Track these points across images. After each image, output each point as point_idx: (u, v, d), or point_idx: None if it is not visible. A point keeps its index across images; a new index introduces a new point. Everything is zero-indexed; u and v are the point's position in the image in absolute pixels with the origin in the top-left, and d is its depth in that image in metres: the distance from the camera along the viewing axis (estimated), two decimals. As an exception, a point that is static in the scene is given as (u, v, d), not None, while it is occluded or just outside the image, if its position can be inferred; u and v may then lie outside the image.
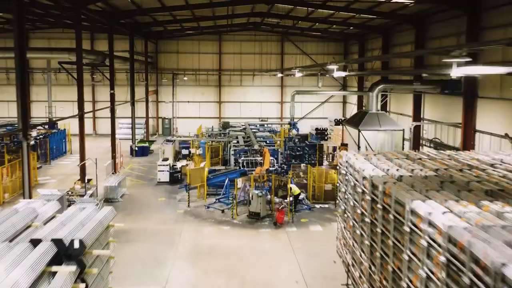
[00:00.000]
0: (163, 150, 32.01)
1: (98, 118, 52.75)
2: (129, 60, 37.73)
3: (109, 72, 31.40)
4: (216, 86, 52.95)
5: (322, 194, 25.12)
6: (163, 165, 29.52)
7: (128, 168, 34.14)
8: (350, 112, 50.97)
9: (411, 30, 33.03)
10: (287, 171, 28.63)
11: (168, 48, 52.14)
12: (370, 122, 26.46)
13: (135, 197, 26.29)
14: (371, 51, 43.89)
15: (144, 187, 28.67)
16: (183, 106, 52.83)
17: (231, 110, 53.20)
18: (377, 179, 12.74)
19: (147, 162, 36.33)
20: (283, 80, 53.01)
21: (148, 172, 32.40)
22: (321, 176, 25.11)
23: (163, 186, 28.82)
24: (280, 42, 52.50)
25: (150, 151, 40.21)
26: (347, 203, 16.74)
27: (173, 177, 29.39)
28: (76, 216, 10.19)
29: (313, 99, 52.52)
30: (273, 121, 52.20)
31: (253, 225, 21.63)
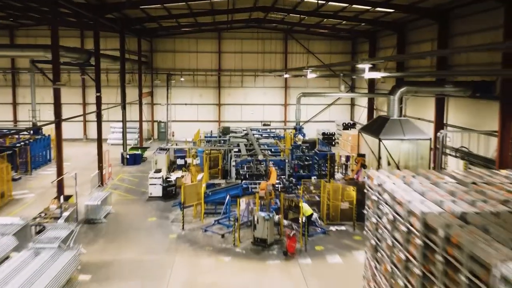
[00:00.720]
0: (156, 160, 28.54)
1: (90, 121, 49.31)
2: (120, 59, 34.26)
3: (94, 72, 27.94)
4: (216, 87, 49.49)
5: (337, 214, 21.67)
6: (155, 178, 26.06)
7: (117, 180, 30.66)
8: (359, 116, 47.53)
9: (432, 25, 29.60)
10: (296, 185, 25.16)
11: (163, 46, 48.68)
12: (392, 130, 23.02)
13: (122, 216, 22.81)
14: (383, 49, 40.44)
15: (133, 203, 25.19)
16: (180, 109, 49.39)
17: (232, 113, 49.74)
18: (434, 219, 9.37)
19: (138, 172, 32.87)
20: (287, 81, 49.56)
21: (139, 184, 28.93)
22: (336, 192, 21.66)
23: (155, 202, 25.36)
24: (283, 41, 49.02)
25: (143, 159, 36.76)
26: (380, 239, 13.21)
27: (167, 191, 25.95)
28: (24, 269, 6.81)
29: (319, 101, 49.11)
30: (276, 125, 48.78)
31: (259, 254, 18.15)
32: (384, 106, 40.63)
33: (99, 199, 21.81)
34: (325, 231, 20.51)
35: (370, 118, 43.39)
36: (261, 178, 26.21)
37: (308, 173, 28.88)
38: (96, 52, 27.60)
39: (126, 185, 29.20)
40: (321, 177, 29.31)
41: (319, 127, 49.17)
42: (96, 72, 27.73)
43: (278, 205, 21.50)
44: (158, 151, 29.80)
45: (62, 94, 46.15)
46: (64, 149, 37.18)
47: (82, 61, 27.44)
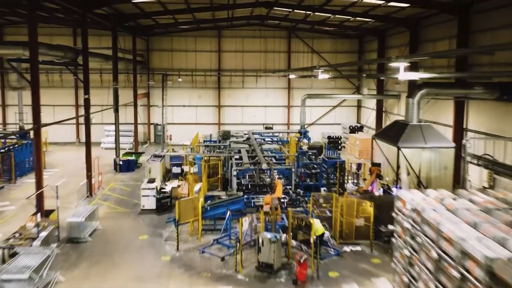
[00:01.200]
0: (149, 168, 26.09)
1: (83, 124, 46.53)
2: (112, 58, 31.85)
3: (82, 73, 25.53)
4: (215, 88, 47.07)
5: (352, 232, 19.25)
6: (148, 189, 23.63)
7: (108, 189, 28.23)
8: (366, 118, 45.11)
9: (451, 21, 27.22)
10: (304, 197, 22.74)
11: (160, 45, 46.26)
12: (412, 136, 20.62)
13: (110, 234, 20.39)
14: (393, 48, 38.02)
15: (123, 217, 22.77)
16: (178, 111, 46.98)
17: (232, 115, 47.32)
18: (504, 269, 7.04)
19: (132, 180, 30.45)
20: (290, 81, 47.13)
21: (131, 194, 26.50)
22: (350, 208, 19.23)
23: (148, 216, 22.95)
24: (287, 39, 46.60)
25: (138, 165, 34.34)
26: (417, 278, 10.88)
27: (161, 203, 23.54)
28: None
29: (324, 103, 46.65)
30: (279, 128, 46.40)
31: (264, 283, 15.73)
32: (395, 108, 38.22)
33: (83, 215, 19.38)
34: (339, 253, 18.08)
35: (379, 121, 40.98)
36: (264, 188, 23.87)
37: (315, 183, 26.46)
38: (84, 50, 25.18)
39: (117, 195, 26.78)
40: (330, 186, 26.93)
41: (324, 130, 46.75)
42: (85, 72, 25.33)
43: (285, 222, 19.10)
44: (152, 159, 27.35)
45: (54, 95, 43.63)
46: (55, 153, 34.13)
47: (68, 60, 25.02)
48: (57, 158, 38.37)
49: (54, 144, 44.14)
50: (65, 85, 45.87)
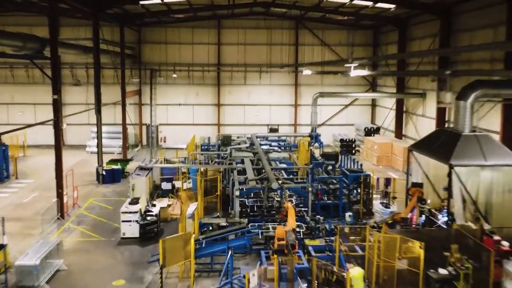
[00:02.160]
0: (133, 185, 21.36)
1: (68, 125, 42.10)
2: (93, 51, 27.15)
3: (50, 67, 20.91)
4: (214, 85, 42.34)
5: (393, 278, 14.60)
6: (129, 212, 19.01)
7: (86, 207, 23.61)
8: (382, 119, 40.44)
9: (497, 6, 22.57)
10: (323, 224, 18.07)
11: (153, 37, 41.49)
12: (467, 151, 15.97)
13: (75, 278, 15.76)
14: (418, 40, 33.30)
15: (97, 250, 18.15)
16: (172, 110, 42.32)
17: (233, 115, 42.62)
18: None
19: (115, 195, 25.82)
20: (297, 78, 42.38)
21: (112, 215, 21.83)
22: (389, 245, 14.58)
23: (129, 248, 18.33)
24: (294, 30, 41.83)
25: (125, 174, 29.66)
26: None
27: (145, 230, 18.91)
28: None
29: (334, 101, 41.84)
30: (285, 129, 41.76)
31: None
32: (418, 108, 33.54)
33: (39, 255, 14.74)
34: (378, 311, 13.50)
35: (398, 122, 36.32)
36: (273, 210, 19.24)
37: (334, 201, 21.86)
38: (53, 39, 20.49)
39: (94, 216, 22.14)
40: (351, 205, 22.34)
41: (335, 131, 42.10)
42: (53, 66, 20.71)
43: (304, 263, 14.54)
44: (136, 172, 22.57)
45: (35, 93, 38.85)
46: (33, 159, 29.47)
47: (30, 52, 20.36)
48: (34, 164, 33.75)
49: (34, 148, 39.47)
50: (47, 81, 41.12)
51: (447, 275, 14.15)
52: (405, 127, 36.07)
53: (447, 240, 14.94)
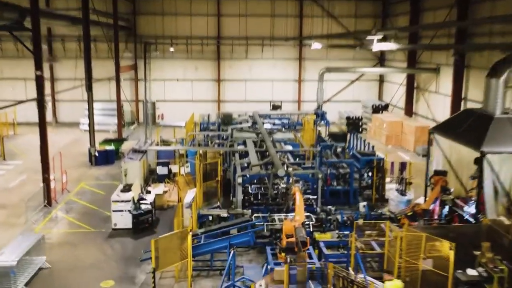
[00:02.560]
0: (125, 170, 19.54)
1: (60, 101, 40.35)
2: (82, 22, 25.04)
3: (32, 41, 18.91)
4: (214, 59, 40.19)
5: (416, 280, 12.94)
6: (121, 201, 17.29)
7: (76, 193, 21.91)
8: (391, 95, 38.45)
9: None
10: (334, 215, 16.34)
11: (149, 8, 39.16)
12: (501, 135, 14.12)
13: (59, 277, 14.12)
14: (431, 11, 31.05)
15: (85, 243, 16.49)
16: (170, 86, 40.31)
17: (233, 91, 40.59)
18: None
19: (109, 178, 24.11)
20: (301, 51, 40.18)
21: (104, 202, 20.01)
22: (412, 244, 12.86)
23: (120, 240, 16.67)
24: (298, 1, 39.42)
25: (119, 155, 27.85)
26: None
27: (139, 221, 17.22)
28: None
29: (340, 76, 39.66)
30: (288, 106, 39.78)
31: None
32: (431, 84, 31.54)
33: (16, 255, 13.05)
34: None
35: (409, 99, 34.35)
36: (279, 198, 17.49)
37: (345, 187, 20.15)
38: (34, 9, 18.41)
39: (85, 203, 20.45)
40: (362, 190, 20.66)
41: (341, 108, 40.05)
42: (34, 39, 18.70)
43: (316, 263, 12.87)
44: (129, 156, 20.73)
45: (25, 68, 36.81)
46: (23, 137, 27.88)
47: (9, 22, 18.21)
48: (24, 143, 31.97)
49: (25, 125, 37.55)
50: (38, 55, 39.03)
51: (477, 276, 12.49)
52: (416, 104, 34.13)
53: (476, 236, 13.24)
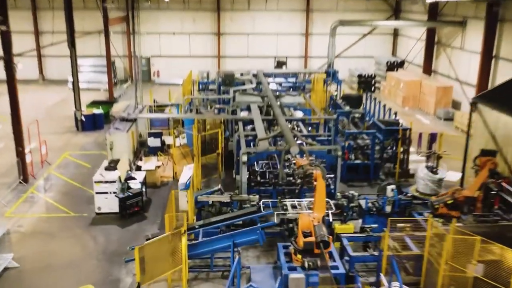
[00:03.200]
0: (111, 143, 16.80)
1: (47, 57, 37.21)
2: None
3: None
4: (213, 10, 36.66)
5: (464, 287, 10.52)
6: (105, 182, 14.71)
7: (57, 166, 19.33)
8: (406, 51, 35.21)
9: None
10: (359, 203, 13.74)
11: (141, -48, 35.27)
12: None
13: (27, 282, 11.71)
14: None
15: (63, 233, 14.02)
16: (166, 40, 37.07)
17: (235, 45, 37.32)
18: None
19: (96, 147, 21.50)
20: (309, 1, 36.59)
21: (89, 177, 17.11)
22: (460, 246, 10.33)
23: (105, 229, 14.20)
24: None
25: (110, 118, 25.15)
26: None
27: (126, 205, 14.70)
28: None
29: (350, 30, 36.10)
30: (294, 63, 36.68)
31: None
32: (455, 39, 28.34)
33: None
34: None
35: (428, 56, 31.18)
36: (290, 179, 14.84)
37: (364, 161, 17.56)
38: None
39: (67, 179, 17.90)
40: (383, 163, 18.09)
41: (351, 64, 36.86)
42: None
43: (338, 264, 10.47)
44: (116, 125, 17.87)
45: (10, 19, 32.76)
46: (5, 97, 25.55)
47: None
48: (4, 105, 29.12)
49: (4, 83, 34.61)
50: (20, 5, 35.58)
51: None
52: (436, 61, 31.03)
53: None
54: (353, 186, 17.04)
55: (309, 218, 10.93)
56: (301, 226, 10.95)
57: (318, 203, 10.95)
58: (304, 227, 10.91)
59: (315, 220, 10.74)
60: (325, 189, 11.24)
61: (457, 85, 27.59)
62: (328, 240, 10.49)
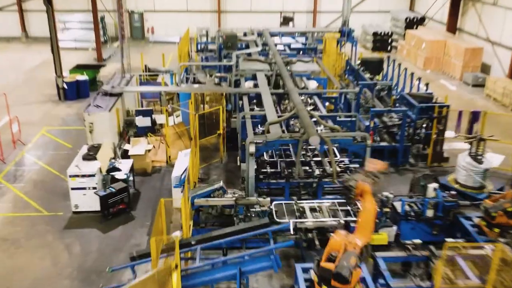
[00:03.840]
0: (90, 125, 13.95)
1: (29, 11, 33.77)
2: None
3: None
4: (212, -42, 33.04)
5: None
6: (82, 175, 12.09)
7: (33, 145, 16.66)
8: (425, 5, 31.77)
9: None
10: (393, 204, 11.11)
11: None
12: None
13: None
14: None
15: (30, 241, 11.51)
16: (160, -8, 33.56)
17: None
18: None
19: (79, 120, 18.68)
20: None
21: (68, 160, 14.19)
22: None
23: (83, 233, 11.69)
24: None
25: (97, 84, 22.28)
26: None
27: (108, 204, 12.12)
28: None
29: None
30: (302, 19, 33.32)
31: None
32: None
33: None
34: None
35: (454, 11, 27.90)
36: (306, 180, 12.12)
37: (392, 144, 14.89)
38: None
39: (43, 164, 15.27)
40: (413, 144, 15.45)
41: (365, 20, 33.42)
42: None
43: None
44: (96, 101, 14.78)
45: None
46: None
47: None
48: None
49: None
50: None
51: None
52: (462, 17, 27.72)
53: None
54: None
55: (343, 239, 8.34)
56: (329, 246, 8.45)
57: (361, 226, 8.25)
58: (332, 249, 8.42)
59: (351, 246, 8.15)
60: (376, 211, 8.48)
61: (488, 46, 24.49)
62: (346, 277, 7.94)
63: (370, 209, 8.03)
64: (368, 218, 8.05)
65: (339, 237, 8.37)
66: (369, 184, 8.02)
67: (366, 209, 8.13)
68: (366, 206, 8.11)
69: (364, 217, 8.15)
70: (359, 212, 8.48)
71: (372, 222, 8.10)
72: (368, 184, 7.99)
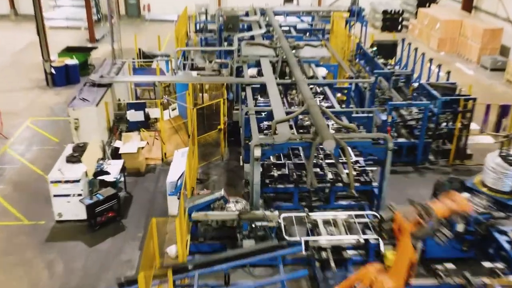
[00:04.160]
0: (75, 122, 12.41)
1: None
2: None
3: None
4: None
5: None
6: (65, 181, 10.70)
7: (15, 139, 15.23)
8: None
9: None
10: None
11: None
12: None
13: None
14: None
15: (7, 256, 10.20)
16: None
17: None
18: None
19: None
20: None
21: (55, 158, 12.89)
22: None
23: (66, 248, 10.36)
24: None
25: (89, 68, 20.76)
26: None
27: (94, 212, 10.76)
28: None
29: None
30: None
31: None
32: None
33: None
34: None
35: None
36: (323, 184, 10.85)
37: (411, 141, 13.45)
38: None
39: (25, 161, 13.87)
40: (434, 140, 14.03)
41: (374, -2, 31.60)
42: None
43: None
44: (82, 94, 13.16)
45: None
46: None
47: None
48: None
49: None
50: None
51: None
52: (481, -4, 25.99)
53: None
54: (395, 173, 13.02)
55: (373, 276, 6.99)
56: (358, 276, 7.23)
57: (395, 267, 6.86)
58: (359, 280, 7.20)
59: (378, 284, 6.83)
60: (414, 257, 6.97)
61: (508, 27, 22.83)
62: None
63: (406, 250, 6.58)
64: (403, 263, 6.65)
65: (371, 273, 7.08)
66: (412, 223, 6.45)
67: (401, 252, 6.70)
68: (401, 248, 6.66)
69: (399, 259, 6.75)
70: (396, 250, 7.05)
71: (406, 269, 6.66)
72: (410, 221, 6.46)
